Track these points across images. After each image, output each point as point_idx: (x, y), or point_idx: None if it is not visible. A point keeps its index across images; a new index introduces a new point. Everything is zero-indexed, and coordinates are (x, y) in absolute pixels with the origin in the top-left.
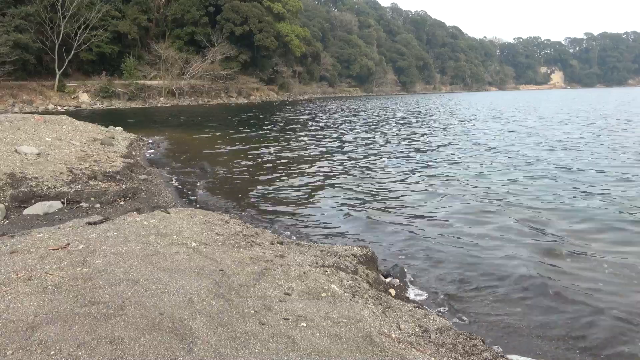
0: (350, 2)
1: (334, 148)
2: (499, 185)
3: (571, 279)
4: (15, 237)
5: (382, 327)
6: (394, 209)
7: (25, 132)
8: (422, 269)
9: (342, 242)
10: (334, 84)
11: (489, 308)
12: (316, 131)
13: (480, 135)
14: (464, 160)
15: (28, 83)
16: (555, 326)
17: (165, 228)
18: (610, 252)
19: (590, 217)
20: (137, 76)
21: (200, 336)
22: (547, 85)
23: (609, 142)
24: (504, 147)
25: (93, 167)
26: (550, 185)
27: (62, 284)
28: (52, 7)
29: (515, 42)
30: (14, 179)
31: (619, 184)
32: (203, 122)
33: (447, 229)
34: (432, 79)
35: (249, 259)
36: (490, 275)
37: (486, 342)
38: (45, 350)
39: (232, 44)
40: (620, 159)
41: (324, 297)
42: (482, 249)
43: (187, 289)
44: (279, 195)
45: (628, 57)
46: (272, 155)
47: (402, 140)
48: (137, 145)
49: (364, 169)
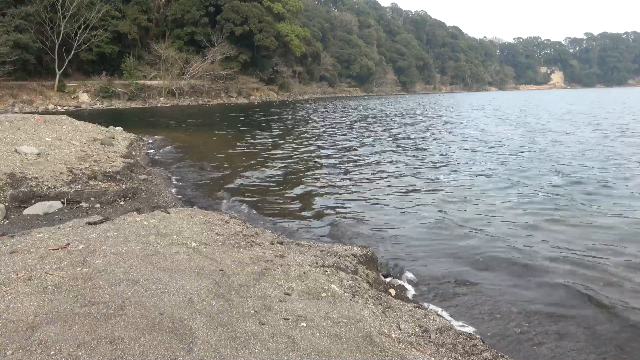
0: (350, 2)
1: (335, 148)
2: (498, 185)
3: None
4: (15, 237)
5: (382, 327)
6: (394, 209)
7: (25, 132)
8: (422, 269)
9: (342, 242)
10: (334, 84)
11: (489, 308)
12: (316, 131)
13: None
14: (464, 160)
15: (28, 83)
16: (566, 332)
17: (165, 228)
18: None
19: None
20: (137, 76)
21: (200, 336)
22: (547, 85)
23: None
24: (512, 149)
25: (93, 167)
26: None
27: (62, 284)
28: (52, 7)
29: (515, 42)
30: (14, 179)
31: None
32: (203, 122)
33: (447, 229)
34: (432, 79)
35: (249, 259)
36: (491, 276)
37: (486, 342)
38: (45, 350)
39: (232, 44)
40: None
41: (324, 297)
42: (483, 249)
43: (187, 289)
44: (279, 195)
45: (628, 57)
46: (272, 155)
47: (408, 142)
48: (137, 145)
49: (365, 170)
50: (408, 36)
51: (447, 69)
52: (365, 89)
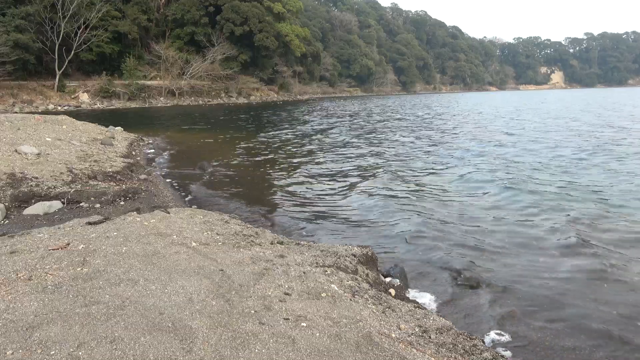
0: (350, 2)
1: (335, 148)
2: (497, 187)
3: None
4: (15, 237)
5: (382, 327)
6: (394, 209)
7: (25, 132)
8: (422, 269)
9: (342, 242)
10: (334, 84)
11: (490, 308)
12: (316, 131)
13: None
14: (465, 160)
15: (28, 83)
16: (567, 336)
17: (165, 228)
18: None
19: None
20: (137, 76)
21: (200, 336)
22: (547, 85)
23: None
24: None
25: (93, 167)
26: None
27: (62, 284)
28: (52, 7)
29: (515, 42)
30: (14, 179)
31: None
32: (203, 122)
33: (447, 229)
34: (432, 79)
35: (249, 258)
36: (491, 276)
37: (485, 342)
38: (45, 350)
39: (232, 44)
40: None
41: (324, 297)
42: (484, 249)
43: (187, 289)
44: (279, 195)
45: (628, 57)
46: (273, 155)
47: (402, 143)
48: (137, 145)
49: (366, 171)
50: (408, 36)
51: (447, 69)
52: (365, 89)
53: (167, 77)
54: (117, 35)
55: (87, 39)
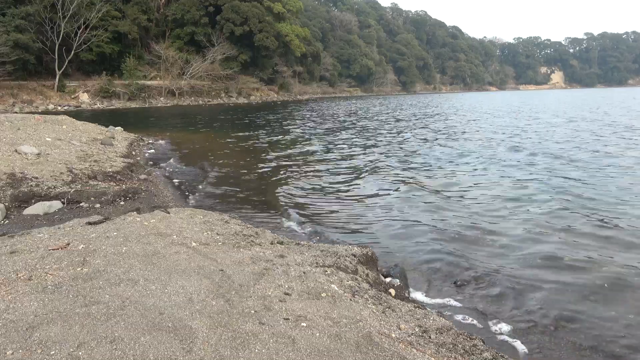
0: (350, 2)
1: (335, 148)
2: (498, 187)
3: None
4: (15, 237)
5: (382, 327)
6: (394, 209)
7: (25, 132)
8: (422, 269)
9: (342, 242)
10: (334, 84)
11: (490, 307)
12: (316, 131)
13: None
14: (464, 161)
15: (28, 83)
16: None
17: (165, 228)
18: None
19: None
20: (137, 76)
21: (200, 336)
22: (547, 85)
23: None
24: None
25: (93, 167)
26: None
27: (62, 284)
28: (52, 7)
29: (515, 42)
30: (14, 179)
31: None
32: (203, 122)
33: (447, 229)
34: (432, 79)
35: (249, 258)
36: (492, 276)
37: (485, 342)
38: (45, 350)
39: (232, 44)
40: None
41: (324, 297)
42: (484, 249)
43: (187, 289)
44: (279, 194)
45: (628, 57)
46: (272, 155)
47: (401, 144)
48: (137, 145)
49: (366, 171)
50: (408, 36)
51: (447, 69)
52: (365, 89)
53: (167, 77)
54: (117, 35)
55: (87, 39)
